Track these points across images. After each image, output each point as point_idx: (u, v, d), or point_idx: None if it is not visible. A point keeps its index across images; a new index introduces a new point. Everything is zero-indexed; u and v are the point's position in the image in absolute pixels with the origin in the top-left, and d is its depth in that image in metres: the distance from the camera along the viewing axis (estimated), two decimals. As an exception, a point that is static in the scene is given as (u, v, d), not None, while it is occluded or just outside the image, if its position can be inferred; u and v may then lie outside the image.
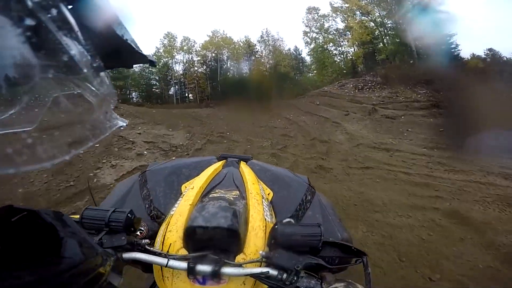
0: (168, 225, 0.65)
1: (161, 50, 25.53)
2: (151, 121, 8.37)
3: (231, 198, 0.72)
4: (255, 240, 0.62)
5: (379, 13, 19.99)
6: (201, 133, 7.58)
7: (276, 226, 0.58)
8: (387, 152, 6.09)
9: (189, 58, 26.05)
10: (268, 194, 0.95)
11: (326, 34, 22.06)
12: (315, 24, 22.51)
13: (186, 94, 26.52)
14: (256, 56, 24.19)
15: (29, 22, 0.28)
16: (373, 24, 20.20)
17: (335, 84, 16.16)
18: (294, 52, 23.75)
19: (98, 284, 0.46)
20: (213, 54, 25.53)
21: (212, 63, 25.12)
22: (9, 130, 0.30)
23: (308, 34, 22.78)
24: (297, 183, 1.07)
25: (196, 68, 25.94)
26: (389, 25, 19.70)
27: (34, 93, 0.31)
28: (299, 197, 0.98)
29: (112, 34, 0.41)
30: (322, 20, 22.28)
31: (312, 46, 22.57)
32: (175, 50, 25.40)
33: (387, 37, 19.76)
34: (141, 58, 0.51)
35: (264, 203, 0.79)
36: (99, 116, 0.40)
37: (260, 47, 24.51)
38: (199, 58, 26.20)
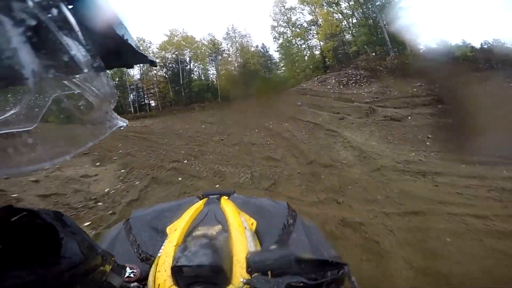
0: (157, 266, 0.69)
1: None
2: (71, 149, 5.57)
3: (214, 233, 0.76)
4: (241, 271, 0.65)
5: (348, 3, 18.82)
6: (145, 165, 5.04)
7: (247, 256, 0.61)
8: (424, 177, 4.12)
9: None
10: (252, 224, 0.98)
11: (294, 28, 20.61)
12: (282, 18, 20.88)
13: (146, 101, 23.25)
14: (223, 55, 21.97)
15: (29, 22, 0.28)
16: (340, 16, 19.09)
17: (314, 79, 14.12)
18: (262, 50, 22.02)
19: (98, 284, 0.47)
20: (174, 55, 22.76)
21: (174, 65, 22.24)
22: (9, 130, 0.30)
23: (276, 29, 20.95)
24: (277, 210, 1.11)
25: (155, 72, 22.86)
26: (357, 15, 18.71)
27: (34, 93, 0.31)
28: (281, 222, 1.01)
29: (112, 34, 0.38)
30: (289, 13, 20.70)
31: (280, 41, 21.01)
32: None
33: (356, 28, 18.60)
34: (141, 58, 0.47)
35: (247, 233, 0.84)
36: (98, 116, 0.39)
37: (227, 44, 21.91)
38: (158, 60, 23.02)
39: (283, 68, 21.31)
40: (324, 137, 6.54)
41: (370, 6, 17.73)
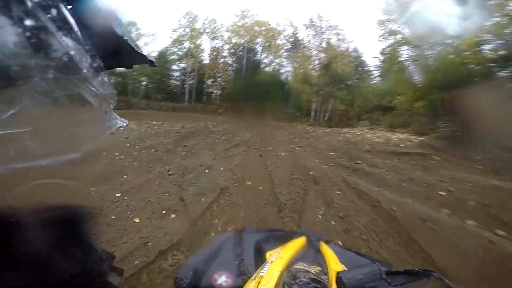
0: (258, 284, 0.72)
1: (180, 31, 19.73)
2: None
3: (313, 272, 0.82)
4: None
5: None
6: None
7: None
8: None
9: (213, 45, 19.64)
10: None
11: (414, 28, 13.60)
12: (397, 12, 14.45)
13: (210, 89, 20.25)
14: (303, 48, 16.92)
15: (29, 22, 0.27)
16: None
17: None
18: (354, 54, 16.63)
19: (98, 284, 0.46)
20: (243, 42, 18.64)
21: (242, 54, 18.57)
22: (9, 130, 0.29)
23: (385, 24, 14.90)
24: (370, 266, 0.98)
25: (224, 59, 19.45)
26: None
27: (34, 93, 0.30)
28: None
29: (112, 34, 0.39)
30: (412, 7, 13.59)
31: (390, 41, 14.73)
32: (195, 32, 19.45)
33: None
34: (141, 58, 0.47)
35: None
36: (98, 116, 0.38)
37: (308, 35, 17.03)
38: (229, 46, 19.41)
39: (377, 78, 15.95)
40: None
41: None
